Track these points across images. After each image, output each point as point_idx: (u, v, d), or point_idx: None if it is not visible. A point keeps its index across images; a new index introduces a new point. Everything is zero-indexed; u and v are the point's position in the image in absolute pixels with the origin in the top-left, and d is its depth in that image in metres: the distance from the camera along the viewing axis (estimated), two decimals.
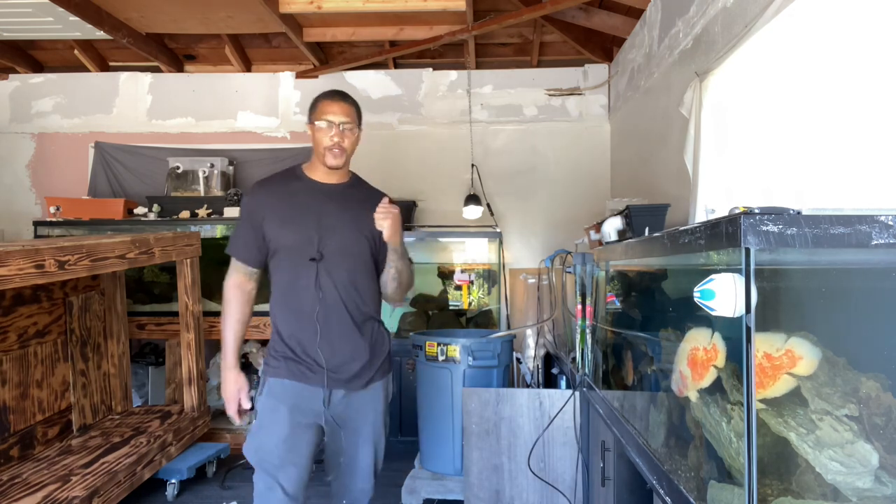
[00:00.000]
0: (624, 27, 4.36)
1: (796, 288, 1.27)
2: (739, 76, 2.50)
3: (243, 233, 2.05)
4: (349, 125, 2.03)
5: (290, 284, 2.00)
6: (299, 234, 1.99)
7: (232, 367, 2.04)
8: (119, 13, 4.30)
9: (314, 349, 1.97)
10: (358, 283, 2.03)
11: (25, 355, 3.03)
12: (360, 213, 2.04)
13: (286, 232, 1.99)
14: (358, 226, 2.04)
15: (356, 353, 2.02)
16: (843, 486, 1.10)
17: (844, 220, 1.02)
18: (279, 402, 1.97)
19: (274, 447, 1.95)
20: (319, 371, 1.97)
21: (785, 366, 1.16)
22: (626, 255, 2.07)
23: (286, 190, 2.06)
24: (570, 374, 2.92)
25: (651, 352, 1.85)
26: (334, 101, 2.04)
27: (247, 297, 2.07)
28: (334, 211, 2.03)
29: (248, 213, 2.05)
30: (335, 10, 4.21)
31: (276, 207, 2.02)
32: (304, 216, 2.01)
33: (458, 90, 5.15)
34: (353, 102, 2.09)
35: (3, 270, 2.21)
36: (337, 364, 1.99)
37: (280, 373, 1.99)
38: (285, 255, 2.00)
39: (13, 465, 2.85)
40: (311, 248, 1.97)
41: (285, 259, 2.01)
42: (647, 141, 3.91)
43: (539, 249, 4.94)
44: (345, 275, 2.00)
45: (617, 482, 2.13)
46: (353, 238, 2.03)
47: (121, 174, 5.15)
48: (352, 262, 2.03)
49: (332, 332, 1.98)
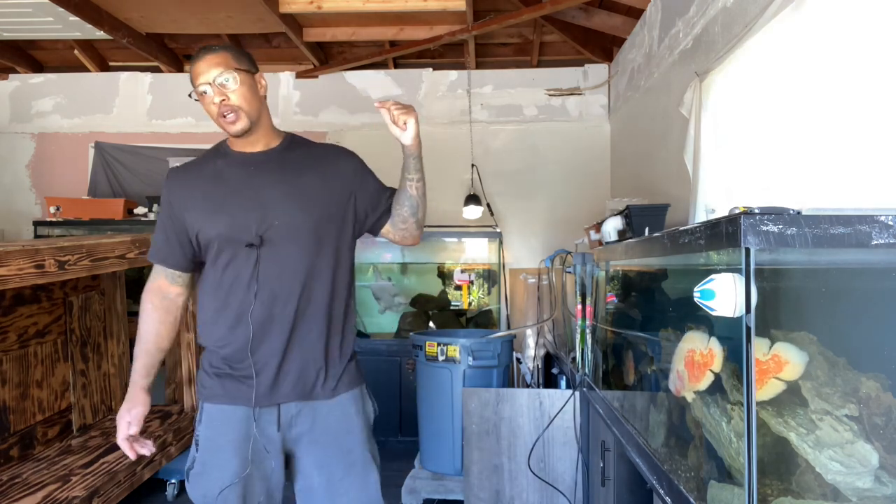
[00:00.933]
0: (624, 27, 4.36)
1: (796, 288, 1.27)
2: (739, 76, 2.50)
3: (161, 230, 1.69)
4: (225, 74, 1.56)
5: (222, 280, 1.61)
6: (232, 217, 1.58)
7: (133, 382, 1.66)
8: (119, 13, 4.30)
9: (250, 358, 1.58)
10: (313, 270, 1.61)
11: (25, 355, 3.03)
12: (309, 182, 1.64)
13: (216, 218, 1.59)
14: (307, 197, 1.62)
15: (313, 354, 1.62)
16: (843, 486, 1.10)
17: (844, 220, 1.02)
18: (220, 436, 1.60)
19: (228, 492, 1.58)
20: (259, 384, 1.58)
21: (772, 370, 1.17)
22: (626, 255, 2.07)
23: (210, 171, 1.66)
24: (570, 374, 2.92)
25: (651, 352, 1.85)
26: (199, 59, 1.58)
27: (167, 303, 1.69)
28: (275, 181, 1.62)
29: (166, 205, 1.67)
30: (335, 10, 4.21)
31: (200, 193, 1.63)
32: (235, 196, 1.60)
33: (458, 90, 5.15)
34: (221, 48, 1.61)
35: (3, 270, 2.21)
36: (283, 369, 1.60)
37: (215, 395, 1.62)
38: (218, 246, 1.60)
39: (13, 465, 2.85)
40: (246, 232, 1.57)
41: (218, 251, 1.61)
42: (647, 141, 3.91)
43: (539, 249, 4.94)
44: (294, 260, 1.59)
45: (617, 482, 2.13)
46: (301, 214, 1.60)
47: (121, 174, 5.15)
48: (302, 244, 1.60)
49: (277, 330, 1.59)
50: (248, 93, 1.59)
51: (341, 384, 1.66)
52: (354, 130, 5.14)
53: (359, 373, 1.73)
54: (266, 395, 1.59)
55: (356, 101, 5.18)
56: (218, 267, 1.62)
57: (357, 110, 5.16)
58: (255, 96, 1.62)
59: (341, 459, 1.64)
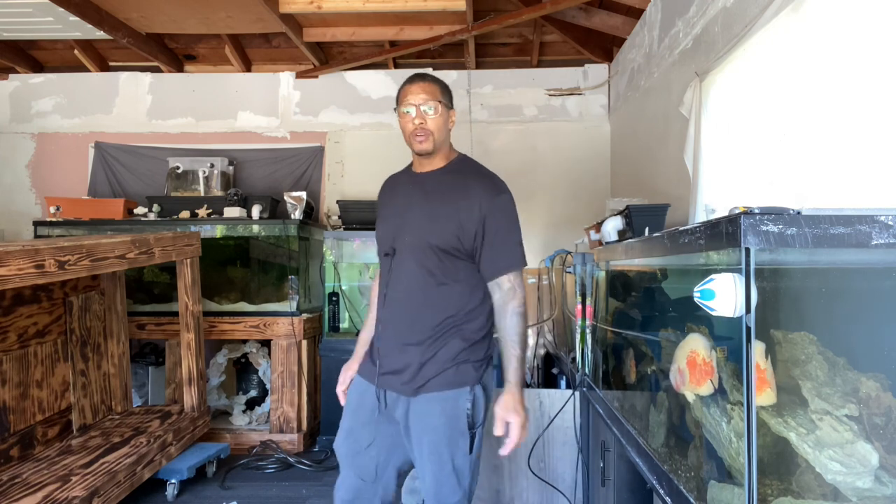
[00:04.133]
0: (624, 27, 4.36)
1: (796, 288, 1.27)
2: (739, 76, 2.50)
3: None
4: (431, 103, 1.83)
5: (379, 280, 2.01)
6: (385, 227, 1.95)
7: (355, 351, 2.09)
8: (119, 13, 4.30)
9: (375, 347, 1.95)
10: (427, 283, 1.83)
11: (25, 355, 3.03)
12: (444, 205, 1.83)
13: (379, 226, 1.98)
14: (436, 219, 1.82)
15: (408, 356, 1.85)
16: (843, 486, 1.10)
17: (844, 220, 1.02)
18: (350, 397, 2.00)
19: (341, 442, 1.97)
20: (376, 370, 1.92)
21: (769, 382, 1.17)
22: (626, 255, 2.07)
23: (396, 184, 2.04)
24: (570, 374, 2.92)
25: (651, 352, 1.85)
26: (412, 83, 1.87)
27: None
28: (418, 201, 1.88)
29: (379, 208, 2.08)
30: (335, 10, 4.21)
31: (384, 202, 2.03)
32: (394, 209, 1.94)
33: (459, 90, 5.15)
34: (434, 80, 1.89)
35: (3, 270, 2.21)
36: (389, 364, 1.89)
37: (360, 367, 2.02)
38: (378, 249, 1.99)
39: (13, 465, 2.85)
40: (388, 242, 1.91)
41: (378, 255, 2.00)
42: (647, 141, 3.91)
43: (539, 249, 4.94)
44: (412, 272, 1.84)
45: (617, 482, 2.13)
46: (426, 232, 1.82)
47: (121, 174, 5.15)
48: (422, 259, 1.82)
49: (391, 331, 1.89)
50: (441, 123, 1.87)
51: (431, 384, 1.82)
52: (354, 130, 5.13)
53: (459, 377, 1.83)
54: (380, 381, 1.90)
55: (356, 101, 5.18)
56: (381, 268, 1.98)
57: (357, 110, 5.16)
58: (445, 127, 1.89)
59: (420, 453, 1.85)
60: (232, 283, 4.50)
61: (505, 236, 1.83)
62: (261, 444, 4.08)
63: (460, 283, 1.84)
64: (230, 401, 4.50)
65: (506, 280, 1.84)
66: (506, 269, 1.83)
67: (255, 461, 3.87)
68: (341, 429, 2.00)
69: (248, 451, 4.08)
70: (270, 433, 4.11)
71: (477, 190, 1.83)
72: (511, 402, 1.78)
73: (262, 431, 4.15)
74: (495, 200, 1.82)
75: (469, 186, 1.84)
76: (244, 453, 4.04)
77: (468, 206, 1.80)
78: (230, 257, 4.55)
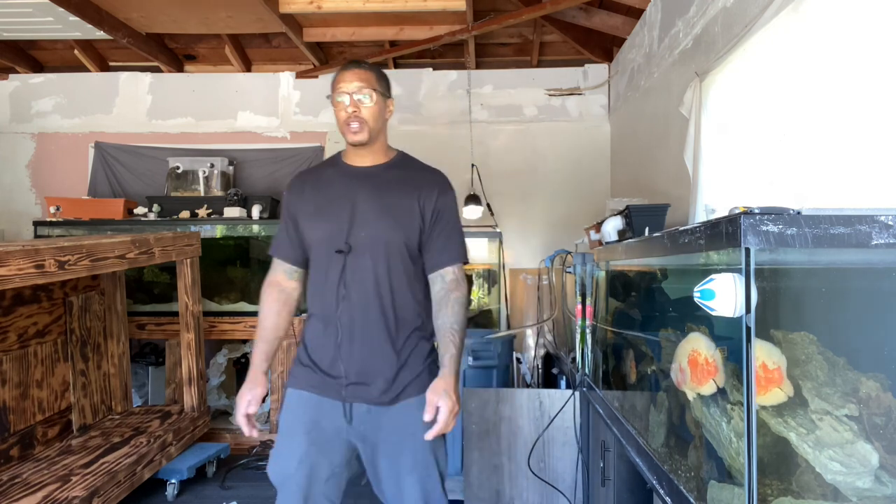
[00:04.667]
0: (624, 27, 4.36)
1: (796, 288, 1.27)
2: (739, 76, 2.50)
3: (282, 229, 1.91)
4: (365, 91, 1.75)
5: (318, 282, 1.81)
6: (329, 223, 1.79)
7: (253, 365, 1.84)
8: (119, 13, 4.30)
9: (333, 355, 1.76)
10: (392, 280, 1.78)
11: (25, 355, 3.03)
12: (398, 199, 1.80)
13: (317, 223, 1.81)
14: (394, 214, 1.79)
15: (380, 362, 1.76)
16: (843, 486, 1.10)
17: (844, 220, 1.02)
18: (296, 419, 1.78)
19: (294, 471, 1.74)
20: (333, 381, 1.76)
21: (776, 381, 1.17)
22: (626, 255, 2.07)
23: (320, 178, 1.88)
24: (570, 374, 2.92)
25: (651, 351, 1.85)
26: (346, 70, 1.78)
27: (284, 296, 1.89)
28: (367, 197, 1.79)
29: (285, 207, 1.91)
30: (335, 10, 4.21)
31: (309, 198, 1.85)
32: (335, 204, 1.81)
33: (459, 90, 5.15)
34: (370, 67, 1.80)
35: (3, 270, 2.21)
36: (357, 372, 1.75)
37: (299, 383, 1.81)
38: (316, 248, 1.82)
39: (13, 465, 2.85)
40: (339, 239, 1.77)
41: (315, 254, 1.82)
42: (647, 141, 3.91)
43: (539, 249, 4.94)
44: (375, 271, 1.76)
45: (617, 482, 2.13)
46: (386, 228, 1.77)
47: (121, 174, 5.15)
48: (385, 257, 1.77)
49: (355, 335, 1.75)
50: (377, 112, 1.79)
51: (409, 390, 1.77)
52: None
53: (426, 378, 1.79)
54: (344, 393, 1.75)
55: None
56: (316, 267, 1.82)
57: None
58: (381, 117, 1.81)
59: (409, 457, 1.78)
60: (232, 283, 4.50)
61: (452, 230, 1.85)
62: (261, 444, 4.08)
63: (415, 279, 1.83)
64: (230, 401, 4.50)
65: (450, 271, 1.83)
66: (452, 261, 1.84)
67: (255, 461, 3.87)
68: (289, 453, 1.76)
69: (248, 451, 4.08)
70: (270, 433, 4.11)
71: (430, 184, 1.84)
72: (443, 386, 1.71)
73: (262, 431, 4.15)
74: (447, 195, 1.86)
75: (422, 181, 1.85)
76: (244, 453, 4.04)
77: (424, 200, 1.81)
78: (230, 257, 4.55)
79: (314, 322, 1.82)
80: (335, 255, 1.76)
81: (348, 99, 1.75)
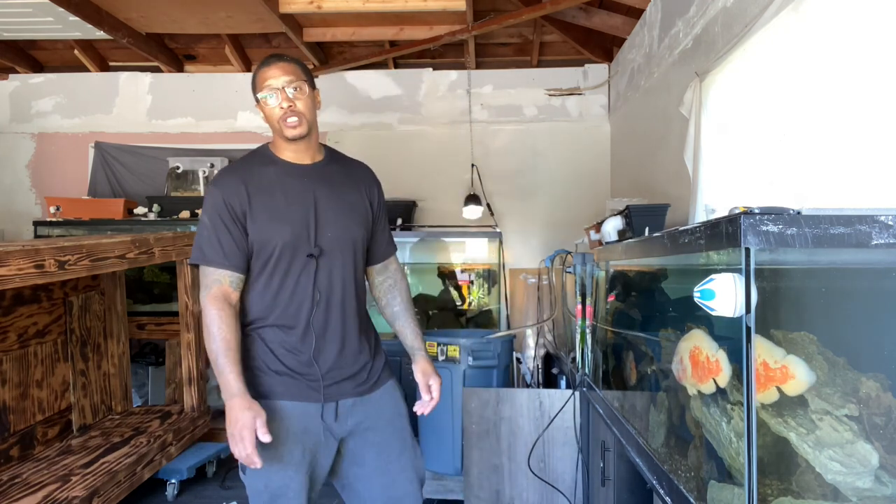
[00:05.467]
0: (624, 27, 4.36)
1: (796, 288, 1.27)
2: (739, 76, 2.50)
3: (221, 233, 1.68)
4: (295, 83, 1.70)
5: (283, 289, 1.71)
6: (293, 226, 1.69)
7: (238, 392, 1.59)
8: (119, 13, 4.30)
9: (308, 360, 1.71)
10: (356, 276, 1.80)
11: (25, 355, 3.03)
12: (351, 195, 1.82)
13: (278, 227, 1.68)
14: (353, 210, 1.80)
15: (359, 354, 1.79)
16: (843, 486, 1.10)
17: (844, 220, 1.02)
18: (284, 429, 1.66)
19: (289, 480, 1.66)
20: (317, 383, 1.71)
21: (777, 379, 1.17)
22: (626, 255, 2.07)
23: (264, 177, 1.74)
24: (570, 374, 2.92)
25: (651, 351, 1.85)
26: (269, 66, 1.71)
27: (234, 311, 1.68)
28: (326, 195, 1.76)
29: (225, 207, 1.68)
30: (335, 10, 4.21)
31: (258, 199, 1.70)
32: (295, 206, 1.72)
33: (458, 90, 5.15)
34: (292, 60, 1.75)
35: (3, 270, 2.21)
36: (340, 370, 1.75)
37: (276, 394, 1.69)
38: (278, 255, 1.69)
39: (13, 465, 2.85)
40: (306, 243, 1.70)
41: (278, 260, 1.70)
42: (647, 141, 3.91)
43: (539, 249, 4.94)
44: (345, 269, 1.76)
45: (617, 482, 2.13)
46: (349, 226, 1.78)
47: (121, 174, 5.15)
48: (351, 254, 1.78)
49: (332, 335, 1.74)
50: (310, 104, 1.75)
51: (382, 376, 1.87)
52: (354, 130, 5.13)
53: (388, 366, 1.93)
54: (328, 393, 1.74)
55: (356, 101, 5.18)
56: (279, 274, 1.71)
57: (357, 110, 5.16)
58: (313, 108, 1.78)
59: (397, 439, 1.84)
60: None
61: (386, 221, 1.98)
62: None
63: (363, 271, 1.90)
64: None
65: (393, 261, 1.99)
66: (393, 250, 1.99)
67: None
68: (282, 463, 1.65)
69: None
70: None
71: (369, 178, 1.91)
72: (430, 367, 1.89)
73: None
74: (379, 186, 1.94)
75: (361, 175, 1.89)
76: None
77: (368, 194, 1.87)
78: None
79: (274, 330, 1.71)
80: (304, 259, 1.70)
81: (279, 95, 1.69)
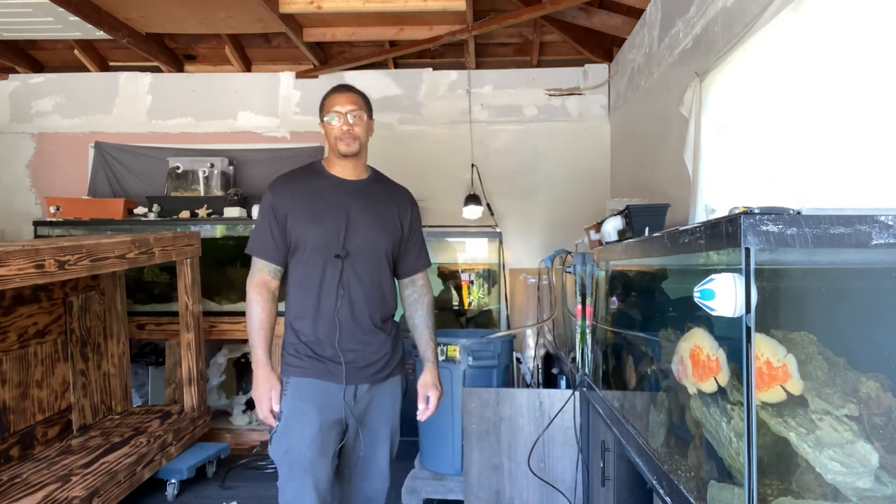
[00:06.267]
0: (624, 27, 4.36)
1: (796, 288, 1.27)
2: (739, 76, 2.50)
3: (266, 230, 2.02)
4: (356, 112, 2.03)
5: (312, 282, 1.99)
6: (326, 230, 1.98)
7: (263, 363, 2.00)
8: (119, 13, 4.30)
9: (334, 347, 1.96)
10: (381, 281, 2.06)
11: (25, 355, 3.03)
12: (384, 211, 2.08)
13: (314, 228, 1.98)
14: (383, 223, 2.06)
15: (379, 347, 2.04)
16: (843, 486, 1.10)
17: (844, 220, 1.02)
18: (305, 402, 1.96)
19: (306, 448, 1.95)
20: (340, 368, 1.97)
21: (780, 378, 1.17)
22: (626, 255, 2.07)
23: (310, 186, 2.06)
24: (570, 374, 2.92)
25: (651, 351, 1.85)
26: (338, 94, 2.06)
27: (272, 296, 2.04)
28: (360, 208, 2.03)
29: (270, 209, 2.02)
30: (335, 10, 4.21)
31: (301, 203, 2.01)
32: (330, 213, 2.00)
33: (458, 90, 5.15)
34: (358, 92, 2.09)
35: (3, 270, 2.21)
36: (359, 358, 2.00)
37: (304, 371, 1.98)
38: (310, 252, 1.99)
39: (13, 465, 2.85)
40: (336, 245, 1.97)
41: (309, 256, 1.99)
42: (647, 141, 3.91)
43: (539, 249, 4.93)
44: (369, 272, 2.02)
45: (617, 482, 2.13)
46: (377, 235, 2.04)
47: (121, 174, 5.15)
48: (375, 260, 2.04)
49: (354, 329, 1.99)
50: (365, 131, 2.07)
51: (397, 368, 2.13)
52: None
53: (402, 362, 2.18)
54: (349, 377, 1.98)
55: None
56: (309, 269, 2.00)
57: None
58: (367, 134, 2.09)
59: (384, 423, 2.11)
60: (232, 283, 4.50)
61: (422, 241, 2.22)
62: (261, 444, 4.08)
63: (392, 278, 2.14)
64: (230, 401, 4.50)
65: (420, 277, 2.22)
66: (423, 267, 2.22)
67: (255, 461, 3.87)
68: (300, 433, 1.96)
69: (248, 451, 4.08)
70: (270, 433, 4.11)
71: (405, 200, 2.17)
72: (431, 378, 2.14)
73: (262, 431, 4.15)
74: (416, 209, 2.20)
75: (398, 197, 2.16)
76: (244, 453, 4.04)
77: (402, 212, 2.13)
78: (230, 257, 4.55)
79: (308, 317, 2.00)
80: (333, 259, 1.98)
81: (342, 119, 2.01)
